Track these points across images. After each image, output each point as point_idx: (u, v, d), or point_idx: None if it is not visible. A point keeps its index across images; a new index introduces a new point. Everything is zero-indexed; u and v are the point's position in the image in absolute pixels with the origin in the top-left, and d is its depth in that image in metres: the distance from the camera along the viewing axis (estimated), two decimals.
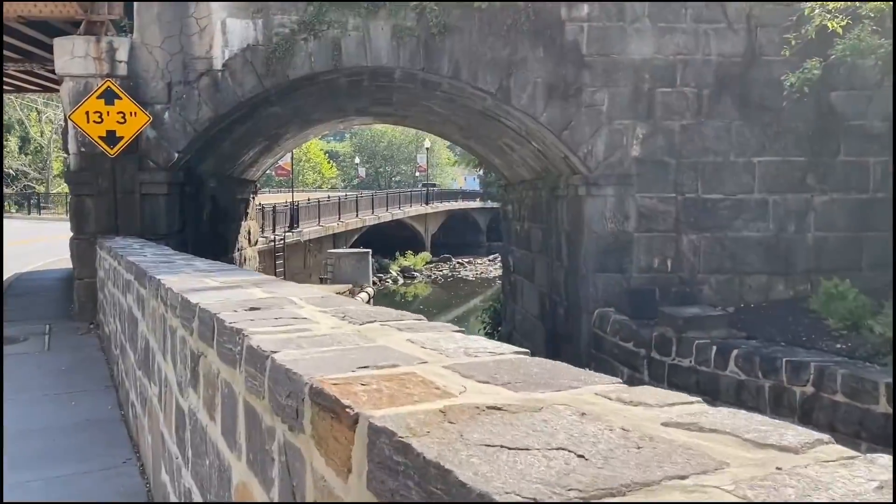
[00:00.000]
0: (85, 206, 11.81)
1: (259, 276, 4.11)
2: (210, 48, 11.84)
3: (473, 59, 12.20)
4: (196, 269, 4.89)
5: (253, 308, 2.73)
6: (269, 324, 2.38)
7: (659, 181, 12.44)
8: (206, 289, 3.52)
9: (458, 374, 1.63)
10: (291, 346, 2.01)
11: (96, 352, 9.71)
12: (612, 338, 11.68)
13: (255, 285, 3.67)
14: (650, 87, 12.39)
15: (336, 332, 2.23)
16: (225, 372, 2.43)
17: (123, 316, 6.59)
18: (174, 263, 5.42)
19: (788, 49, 10.77)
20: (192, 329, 2.98)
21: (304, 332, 2.25)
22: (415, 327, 2.25)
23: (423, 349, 1.92)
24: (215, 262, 5.57)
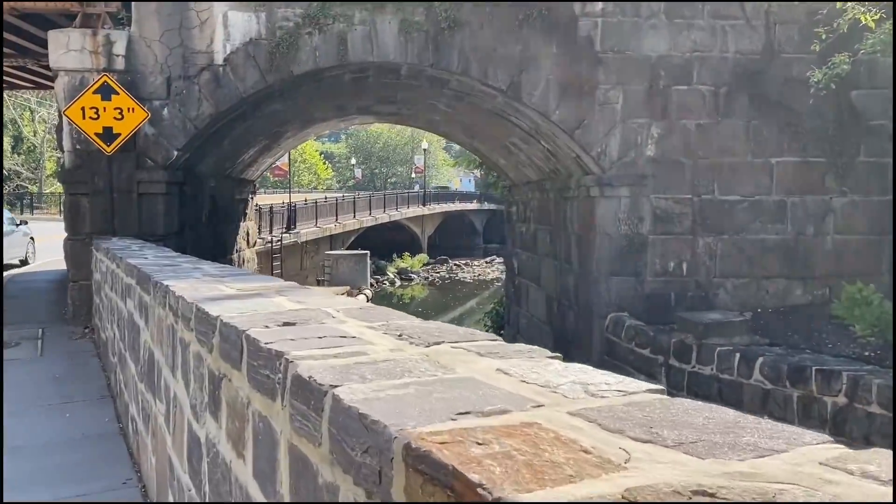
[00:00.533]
0: (80, 206, 11.36)
1: (279, 283, 3.69)
2: (211, 42, 11.40)
3: (484, 55, 11.79)
4: (205, 273, 4.46)
5: (287, 323, 2.31)
6: (313, 344, 1.96)
7: (674, 182, 12.05)
8: (223, 297, 3.09)
9: (598, 425, 1.22)
10: (353, 376, 1.59)
11: (92, 358, 9.26)
12: (626, 343, 11.28)
13: (278, 293, 3.25)
14: (665, 84, 12.00)
15: (400, 356, 1.81)
16: (258, 402, 2.01)
17: (123, 322, 6.16)
18: (180, 267, 4.99)
19: (818, 43, 10.38)
20: (212, 346, 2.56)
21: (360, 356, 1.83)
22: (498, 351, 1.83)
23: (526, 384, 1.51)
24: (224, 265, 5.14)
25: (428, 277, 49.11)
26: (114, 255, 6.97)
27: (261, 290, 3.43)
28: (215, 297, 3.12)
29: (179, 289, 3.47)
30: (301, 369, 1.69)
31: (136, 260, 5.79)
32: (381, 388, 1.49)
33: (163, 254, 6.84)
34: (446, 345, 1.94)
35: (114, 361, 7.24)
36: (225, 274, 4.36)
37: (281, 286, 3.56)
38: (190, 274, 4.41)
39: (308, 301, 2.90)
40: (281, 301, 2.93)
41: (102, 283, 8.61)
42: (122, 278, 6.05)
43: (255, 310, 2.67)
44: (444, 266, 54.24)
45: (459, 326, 2.27)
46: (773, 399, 8.82)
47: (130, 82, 11.16)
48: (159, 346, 3.95)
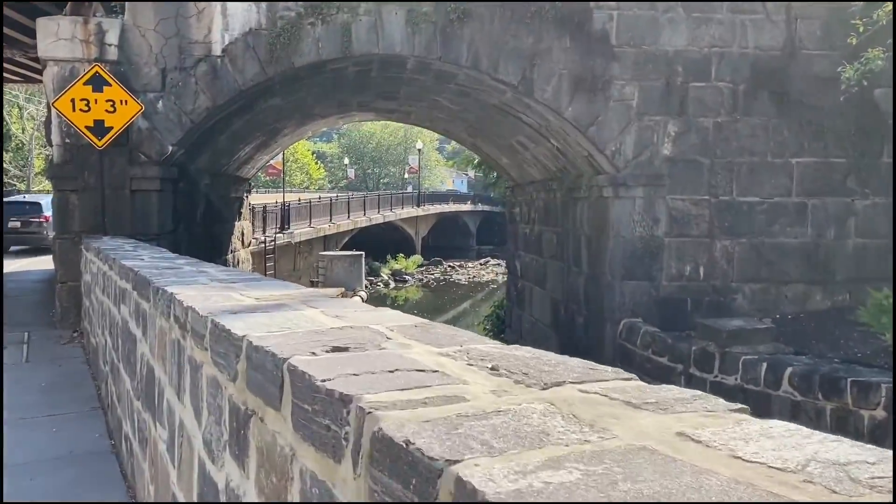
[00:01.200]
0: (69, 203, 10.79)
1: (301, 290, 3.17)
2: (209, 32, 10.85)
3: (494, 48, 11.29)
4: (211, 277, 3.94)
5: (337, 348, 1.79)
6: (386, 382, 1.45)
7: (692, 182, 11.58)
8: (242, 309, 2.58)
9: None
10: (472, 443, 1.09)
11: (81, 365, 8.70)
12: (642, 351, 10.80)
13: (304, 304, 2.73)
14: (683, 81, 11.54)
15: (516, 405, 1.30)
16: (310, 459, 1.49)
17: (115, 329, 5.62)
18: (181, 270, 4.46)
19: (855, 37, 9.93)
20: (235, 373, 2.04)
21: (458, 403, 1.33)
22: (653, 399, 1.32)
23: (743, 463, 1.00)
24: (231, 269, 4.63)
25: (422, 279, 48.57)
26: (106, 255, 6.43)
27: (283, 299, 2.92)
28: (233, 308, 2.60)
29: (187, 297, 2.95)
30: (388, 426, 1.18)
31: (132, 262, 5.25)
32: (527, 470, 0.98)
33: (160, 255, 6.30)
34: (570, 387, 1.43)
35: (105, 370, 6.70)
36: (235, 279, 3.84)
37: (305, 294, 3.04)
38: (194, 279, 3.88)
39: (347, 315, 2.39)
40: (314, 315, 2.41)
41: (93, 285, 8.05)
42: (116, 281, 5.52)
43: (286, 327, 2.15)
44: (439, 268, 53.70)
45: (559, 355, 1.76)
46: (803, 411, 8.35)
47: (123, 73, 10.61)
48: (161, 362, 3.43)
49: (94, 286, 7.67)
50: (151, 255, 6.21)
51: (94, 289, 7.84)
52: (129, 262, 5.22)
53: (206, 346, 2.43)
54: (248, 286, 3.46)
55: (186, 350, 2.77)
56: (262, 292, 3.16)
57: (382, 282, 44.93)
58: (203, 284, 3.58)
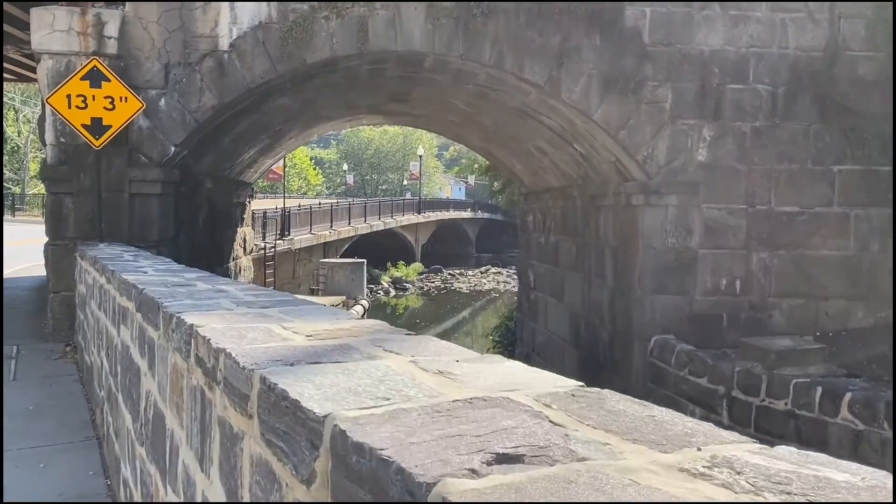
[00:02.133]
0: (63, 207, 10.03)
1: (359, 323, 2.43)
2: (215, 25, 10.13)
3: (520, 46, 10.59)
4: (235, 299, 3.20)
5: (505, 458, 1.06)
6: None
7: (728, 190, 10.88)
8: (297, 356, 1.84)
9: None
10: None
11: (73, 384, 7.93)
12: (677, 371, 10.07)
13: (376, 344, 2.00)
14: (719, 82, 10.85)
15: None
16: None
17: (114, 353, 4.87)
18: (195, 288, 3.72)
19: None
20: (311, 473, 1.31)
21: None
22: None
23: None
24: (256, 287, 3.87)
25: (423, 287, 47.79)
26: (103, 266, 5.69)
27: (341, 335, 2.18)
28: (284, 355, 1.87)
29: (213, 332, 2.22)
30: None
31: (134, 275, 4.51)
32: None
33: (165, 266, 5.56)
34: None
35: (100, 395, 5.94)
36: (264, 301, 3.10)
37: (366, 329, 2.30)
38: (214, 301, 3.15)
39: (457, 372, 1.65)
40: (409, 369, 1.68)
41: (88, 297, 7.30)
42: (115, 297, 4.77)
43: (383, 396, 1.42)
44: (439, 275, 52.99)
45: None
46: (866, 442, 7.62)
47: (123, 68, 9.88)
48: (174, 410, 2.69)
49: (90, 299, 6.92)
50: (155, 266, 5.47)
51: (89, 302, 7.09)
52: (130, 275, 4.48)
53: (249, 413, 1.69)
54: (287, 313, 2.72)
55: (216, 407, 2.04)
56: (310, 324, 2.43)
57: (382, 290, 44.14)
58: (227, 310, 2.84)
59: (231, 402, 1.87)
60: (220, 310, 2.85)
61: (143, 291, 3.54)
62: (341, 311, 2.82)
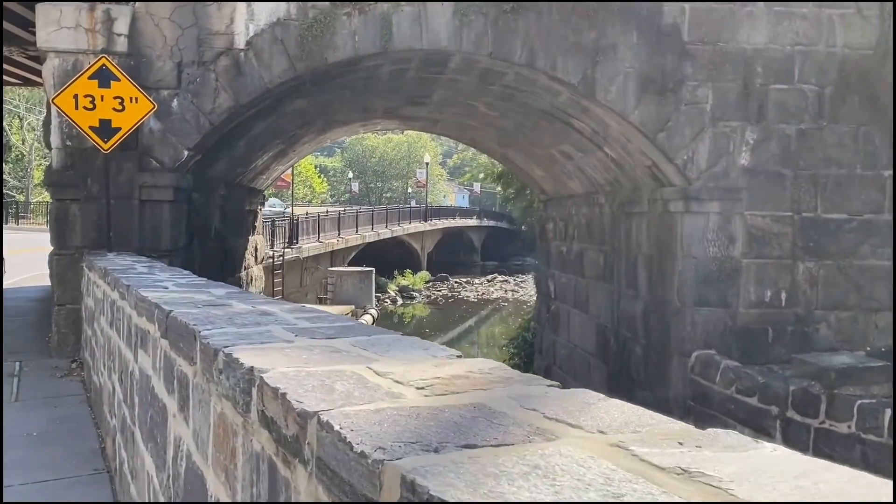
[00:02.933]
0: (69, 214, 9.45)
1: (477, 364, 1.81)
2: (231, 22, 9.57)
3: (553, 44, 10.00)
4: (287, 325, 2.59)
5: None
6: None
7: (772, 196, 10.27)
8: (444, 437, 1.23)
9: None
10: None
11: (81, 406, 7.33)
12: (723, 389, 9.44)
13: (520, 402, 1.41)
14: (762, 82, 10.25)
15: None
16: None
17: (129, 380, 4.27)
18: (231, 308, 3.12)
19: None
20: None
21: None
22: None
23: None
24: (309, 309, 3.25)
25: (430, 296, 47.17)
26: (115, 279, 5.09)
27: (467, 387, 1.58)
28: (412, 430, 1.26)
29: (284, 381, 1.62)
30: None
31: (153, 291, 3.91)
32: None
33: (185, 280, 4.96)
34: None
35: (112, 424, 5.34)
36: (327, 329, 2.49)
37: (497, 378, 1.69)
38: (264, 328, 2.54)
39: (712, 469, 1.04)
40: (638, 468, 1.07)
41: (97, 312, 6.70)
42: (131, 317, 4.17)
43: None
44: (445, 284, 52.39)
45: None
46: None
47: (134, 67, 9.32)
48: (220, 475, 2.08)
49: (99, 315, 6.32)
50: (175, 280, 4.87)
51: (98, 317, 6.48)
52: (149, 291, 3.88)
53: None
54: (364, 346, 2.11)
55: (300, 495, 1.43)
56: (407, 365, 1.82)
57: (389, 298, 43.52)
58: (286, 342, 2.23)
59: (331, 493, 1.26)
60: (275, 341, 2.25)
61: (170, 314, 2.94)
62: (431, 344, 2.21)
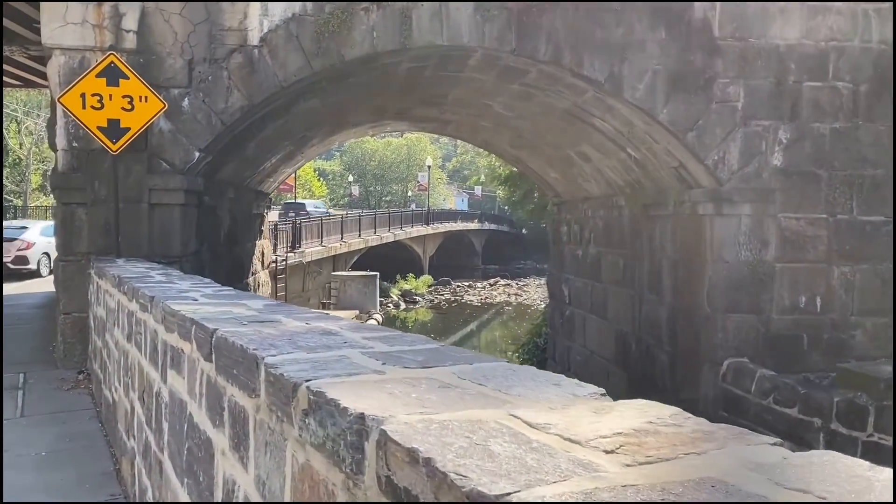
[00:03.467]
0: (75, 219, 9.04)
1: (666, 411, 1.43)
2: (245, 17, 9.17)
3: (579, 40, 9.61)
4: (364, 348, 2.18)
5: None
6: None
7: (807, 198, 9.89)
8: None
9: None
10: None
11: (90, 422, 6.90)
12: (759, 399, 9.04)
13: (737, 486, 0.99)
14: (796, 79, 9.87)
15: None
16: None
17: (155, 401, 3.86)
18: (282, 325, 2.71)
19: None
20: None
21: None
22: None
23: None
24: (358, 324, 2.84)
25: (433, 300, 46.75)
26: (134, 288, 4.67)
27: (676, 453, 1.17)
28: None
29: (416, 438, 1.22)
30: None
31: (183, 304, 3.50)
32: None
33: (212, 289, 4.55)
34: None
35: (129, 444, 4.92)
36: (416, 354, 2.08)
37: (706, 435, 1.29)
38: (339, 353, 2.13)
39: None
40: None
41: (109, 323, 6.29)
42: (156, 331, 3.76)
43: None
44: (448, 288, 52.00)
45: None
46: None
47: (143, 65, 8.91)
48: None
49: (113, 326, 5.90)
50: (200, 290, 4.45)
51: (111, 329, 6.07)
52: (178, 304, 3.47)
53: None
54: (495, 386, 1.70)
55: None
56: (570, 412, 1.41)
57: (392, 303, 43.10)
58: (377, 373, 1.82)
59: None
60: (363, 372, 1.84)
61: (216, 334, 2.53)
62: (559, 377, 1.81)
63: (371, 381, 1.75)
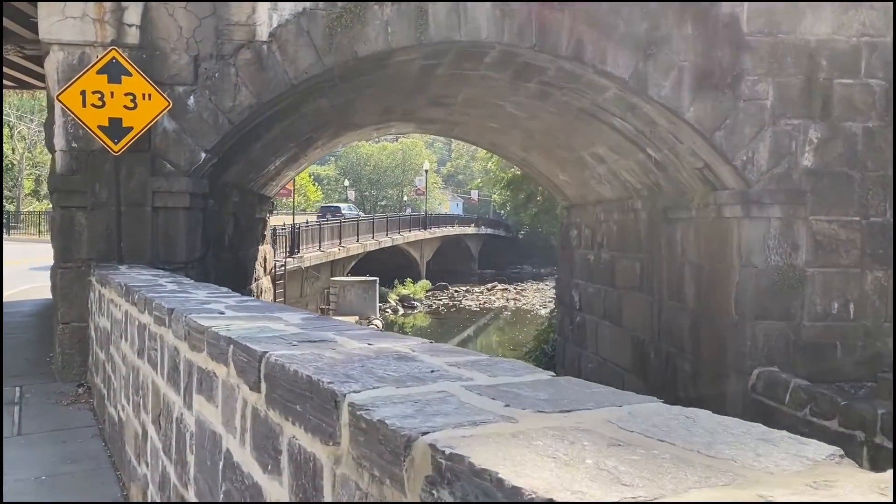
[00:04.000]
0: (75, 224, 8.56)
1: None
2: (253, 11, 8.73)
3: (602, 35, 9.21)
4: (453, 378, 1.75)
5: None
6: None
7: (839, 200, 9.50)
8: None
9: None
10: None
11: (93, 441, 6.43)
12: (795, 411, 8.62)
13: None
14: (826, 76, 9.49)
15: None
16: None
17: (175, 426, 3.41)
18: (342, 346, 2.27)
19: None
20: None
21: None
22: None
23: None
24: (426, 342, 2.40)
25: (431, 305, 46.30)
26: (146, 299, 4.22)
27: None
28: None
29: None
30: None
31: (210, 319, 3.06)
32: None
33: (233, 299, 4.10)
34: None
35: (140, 471, 4.47)
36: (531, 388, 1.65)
37: None
38: (428, 384, 1.70)
39: None
40: None
41: (114, 334, 5.83)
42: (177, 349, 3.32)
43: None
44: (446, 293, 51.58)
45: None
46: None
47: (146, 61, 8.46)
48: None
49: (119, 339, 5.44)
50: (221, 300, 4.01)
51: (118, 342, 5.60)
52: (206, 319, 3.03)
53: None
54: (686, 443, 1.27)
55: None
56: (833, 494, 0.99)
57: (391, 308, 42.64)
58: (511, 421, 1.39)
59: None
60: (490, 419, 1.40)
61: (266, 358, 2.09)
62: (769, 432, 1.38)
63: (506, 432, 1.31)
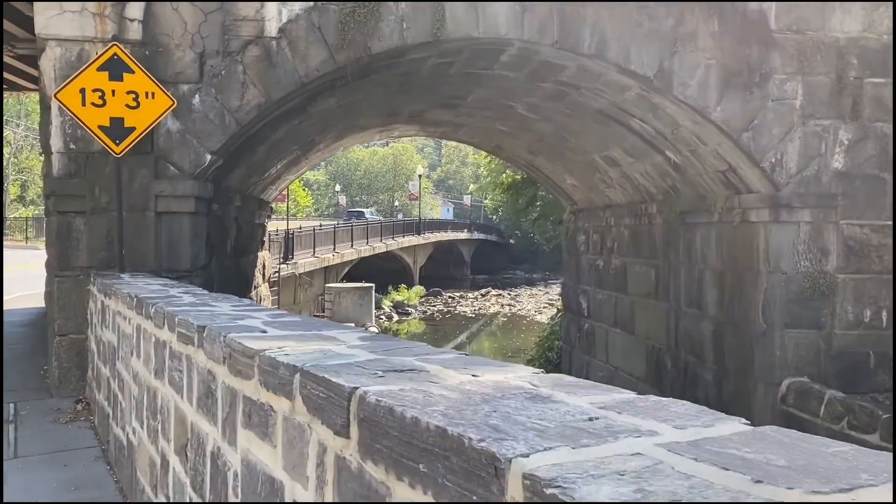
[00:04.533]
0: (73, 229, 8.09)
1: None
2: (261, 6, 8.30)
3: (626, 31, 8.83)
4: (642, 433, 1.34)
5: None
6: None
7: (871, 204, 9.15)
8: None
9: None
10: None
11: (96, 464, 5.96)
12: (830, 424, 8.24)
13: None
14: (857, 75, 9.15)
15: None
16: None
17: (211, 462, 2.97)
18: (441, 382, 1.85)
19: None
20: None
21: None
22: None
23: None
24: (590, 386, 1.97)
25: (425, 311, 45.82)
26: (168, 313, 3.77)
27: None
28: None
29: None
30: None
31: (254, 340, 2.62)
32: None
33: (267, 314, 3.66)
34: None
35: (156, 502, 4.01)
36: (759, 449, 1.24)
37: None
38: (586, 425, 1.27)
39: None
40: None
41: (122, 349, 5.37)
42: (215, 374, 2.88)
43: None
44: (440, 299, 51.15)
45: None
46: None
47: (149, 58, 8.01)
48: None
49: (130, 356, 4.97)
50: (249, 314, 3.57)
51: (126, 358, 5.14)
52: (251, 340, 2.60)
53: None
54: None
55: None
56: None
57: (385, 314, 42.13)
58: None
59: None
60: (742, 496, 0.98)
61: (359, 396, 1.67)
62: None
63: None
